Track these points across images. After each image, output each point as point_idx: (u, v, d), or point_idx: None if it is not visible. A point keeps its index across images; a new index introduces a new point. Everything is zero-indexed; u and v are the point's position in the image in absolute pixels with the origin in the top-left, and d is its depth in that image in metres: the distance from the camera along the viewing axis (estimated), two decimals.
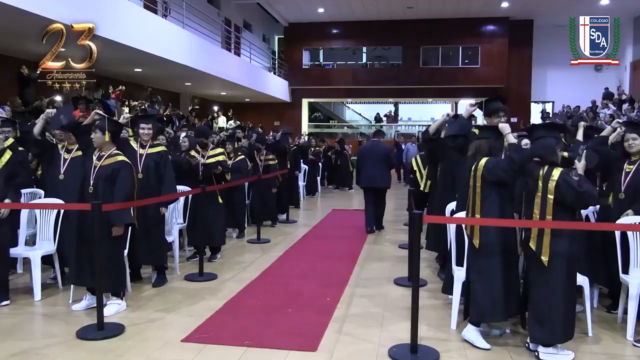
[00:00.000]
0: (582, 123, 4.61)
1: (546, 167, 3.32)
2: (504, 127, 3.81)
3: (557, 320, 3.27)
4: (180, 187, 5.84)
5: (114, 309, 4.08)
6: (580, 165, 3.47)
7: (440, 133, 4.95)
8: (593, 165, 3.74)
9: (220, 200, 5.94)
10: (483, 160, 3.62)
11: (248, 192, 7.97)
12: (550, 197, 3.26)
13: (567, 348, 3.36)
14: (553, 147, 3.38)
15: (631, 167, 4.10)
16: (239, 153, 7.25)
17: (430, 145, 5.20)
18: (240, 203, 7.22)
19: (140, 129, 4.87)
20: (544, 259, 3.28)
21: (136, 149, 4.85)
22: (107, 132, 4.13)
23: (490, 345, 3.54)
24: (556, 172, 3.27)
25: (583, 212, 4.17)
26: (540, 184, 3.31)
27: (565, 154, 3.58)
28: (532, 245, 3.32)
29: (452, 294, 4.03)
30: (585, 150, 3.88)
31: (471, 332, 3.60)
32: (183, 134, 7.01)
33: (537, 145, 3.43)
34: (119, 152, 4.24)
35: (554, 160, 3.34)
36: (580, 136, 4.42)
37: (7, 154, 4.48)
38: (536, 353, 3.34)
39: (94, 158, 4.22)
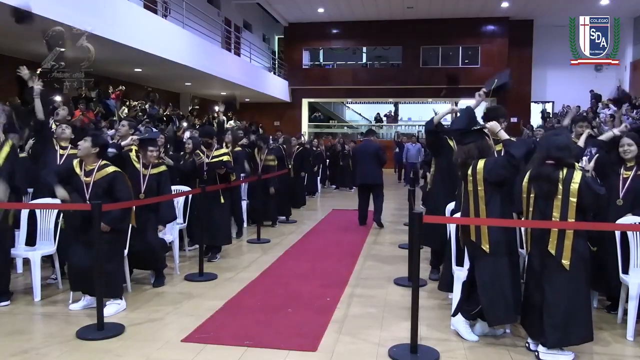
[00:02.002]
0: (587, 131, 4.54)
1: (565, 170, 3.25)
2: (494, 126, 3.75)
3: (574, 323, 3.24)
4: (180, 187, 5.86)
5: (113, 309, 4.08)
6: (590, 167, 3.45)
7: (442, 126, 4.87)
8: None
9: (222, 200, 5.93)
10: (481, 163, 3.56)
11: (249, 191, 8.00)
12: (573, 200, 3.21)
13: (567, 348, 3.36)
14: (569, 147, 3.31)
15: (628, 173, 4.05)
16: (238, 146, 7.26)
17: (431, 138, 5.02)
18: (237, 202, 7.21)
19: (148, 151, 4.92)
20: (565, 262, 3.22)
21: (139, 169, 4.89)
22: (96, 146, 4.15)
23: (477, 337, 3.59)
24: (577, 175, 3.22)
25: None
26: (560, 186, 3.24)
27: None
28: (552, 249, 3.26)
29: (450, 291, 4.04)
30: (597, 154, 3.87)
31: (460, 323, 3.63)
32: (187, 134, 7.01)
33: (551, 147, 3.31)
34: (107, 162, 4.24)
35: (571, 162, 3.28)
36: (582, 142, 4.37)
37: (7, 147, 4.41)
38: (536, 353, 3.33)
39: (81, 174, 4.16)
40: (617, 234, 3.86)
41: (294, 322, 4.00)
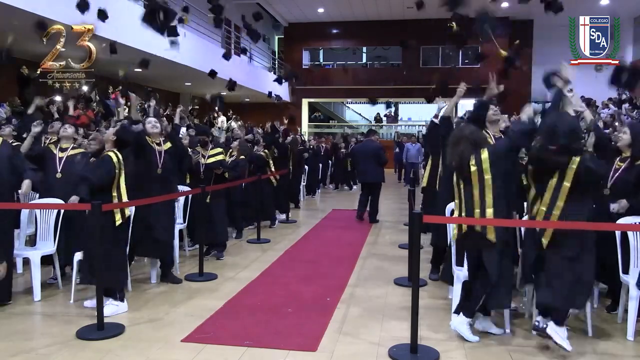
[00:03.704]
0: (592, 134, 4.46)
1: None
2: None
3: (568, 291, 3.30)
4: (180, 187, 5.85)
5: (109, 310, 4.03)
6: (590, 142, 3.43)
7: (452, 120, 4.65)
8: None
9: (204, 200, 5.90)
10: (484, 152, 3.49)
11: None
12: (567, 184, 3.21)
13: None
14: (577, 132, 3.24)
15: (621, 164, 4.02)
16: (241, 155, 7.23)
17: (444, 131, 4.65)
18: (236, 203, 7.21)
19: (147, 125, 4.99)
20: (544, 241, 3.30)
21: (154, 146, 4.93)
22: (115, 135, 4.25)
23: (478, 338, 3.57)
24: (575, 159, 3.20)
25: None
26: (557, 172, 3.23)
27: None
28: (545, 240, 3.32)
29: (452, 283, 4.06)
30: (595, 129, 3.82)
31: (462, 325, 3.60)
32: (184, 129, 7.01)
33: (558, 132, 3.19)
34: (112, 149, 4.28)
35: (579, 149, 3.21)
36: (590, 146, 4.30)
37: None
38: (545, 326, 3.33)
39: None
40: (618, 234, 3.86)
41: (294, 322, 4.00)
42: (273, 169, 8.46)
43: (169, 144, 5.11)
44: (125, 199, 4.23)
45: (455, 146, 3.59)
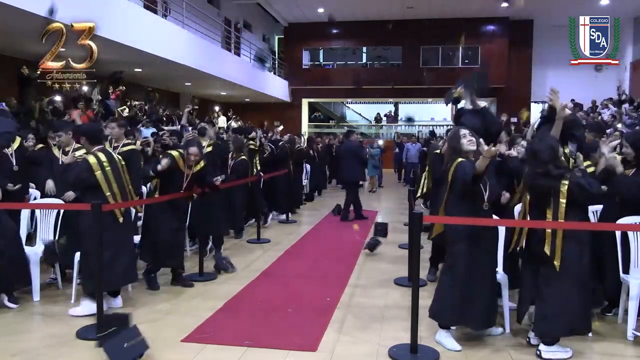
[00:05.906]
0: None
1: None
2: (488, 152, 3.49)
3: (567, 317, 3.30)
4: None
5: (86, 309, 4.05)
6: (580, 160, 3.47)
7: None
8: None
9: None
10: (455, 163, 3.50)
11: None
12: (563, 200, 3.27)
13: (567, 346, 3.39)
14: (556, 158, 3.32)
15: (628, 172, 3.98)
16: (242, 154, 7.20)
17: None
18: (237, 203, 7.19)
19: (188, 154, 4.87)
20: (556, 263, 3.27)
21: (183, 169, 4.89)
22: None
23: (460, 347, 3.49)
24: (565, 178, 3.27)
25: None
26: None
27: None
28: (547, 249, 3.30)
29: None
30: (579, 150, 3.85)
31: (444, 337, 3.55)
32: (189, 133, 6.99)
33: (538, 163, 3.32)
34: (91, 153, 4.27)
35: (560, 174, 3.28)
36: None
37: None
38: (538, 352, 3.34)
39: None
40: (618, 234, 3.86)
41: (294, 322, 4.00)
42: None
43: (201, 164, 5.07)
44: (119, 199, 4.20)
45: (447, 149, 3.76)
